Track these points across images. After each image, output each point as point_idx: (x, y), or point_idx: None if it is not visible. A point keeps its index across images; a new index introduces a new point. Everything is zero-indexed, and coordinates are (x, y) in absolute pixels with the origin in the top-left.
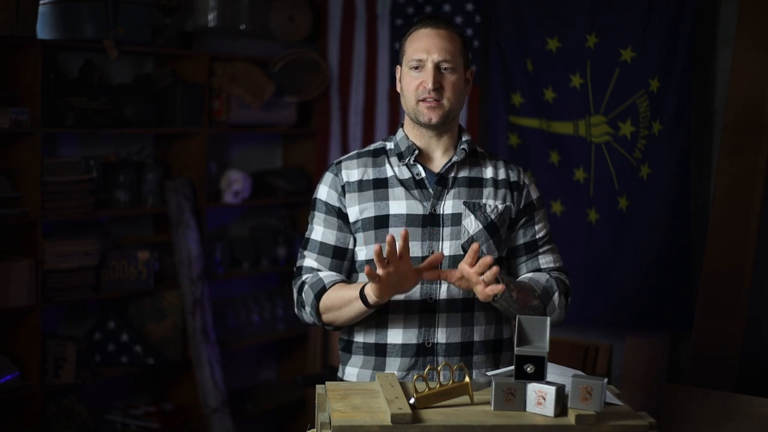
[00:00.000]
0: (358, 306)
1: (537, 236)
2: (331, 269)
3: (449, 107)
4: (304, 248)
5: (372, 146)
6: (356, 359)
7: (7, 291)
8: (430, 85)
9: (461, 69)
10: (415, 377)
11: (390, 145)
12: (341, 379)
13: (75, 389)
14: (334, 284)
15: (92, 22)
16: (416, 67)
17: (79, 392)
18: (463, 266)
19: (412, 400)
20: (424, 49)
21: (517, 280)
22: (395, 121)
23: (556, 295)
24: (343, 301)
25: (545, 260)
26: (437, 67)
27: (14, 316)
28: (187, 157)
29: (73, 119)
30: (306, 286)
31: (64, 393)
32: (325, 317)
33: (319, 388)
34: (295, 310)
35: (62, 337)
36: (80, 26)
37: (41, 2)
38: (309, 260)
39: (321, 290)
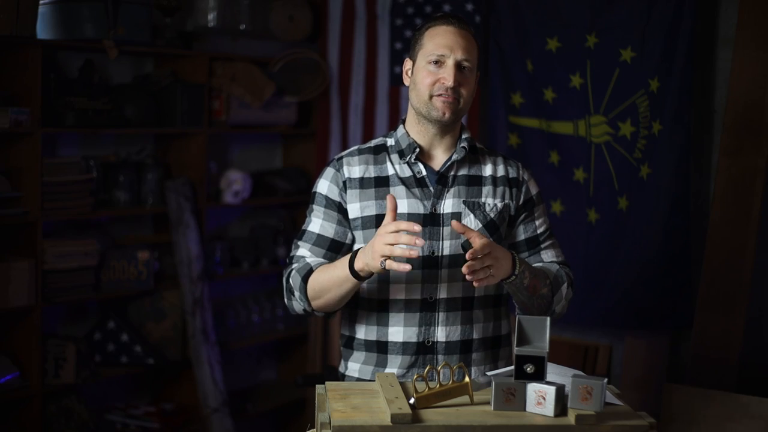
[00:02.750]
0: (351, 283)
1: (538, 231)
2: (326, 260)
3: (462, 106)
4: (300, 239)
5: (372, 142)
6: (358, 355)
7: (7, 291)
8: (450, 83)
9: (475, 71)
10: (415, 377)
11: (391, 142)
12: (343, 375)
13: (75, 389)
14: (320, 266)
15: (92, 22)
16: (436, 62)
17: (79, 392)
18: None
19: (412, 400)
20: (447, 45)
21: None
22: (395, 121)
23: (565, 285)
24: (332, 281)
25: (548, 255)
26: (458, 65)
27: (14, 316)
28: (187, 157)
29: (73, 119)
30: (293, 272)
31: (64, 393)
32: (315, 303)
33: (319, 388)
34: (285, 299)
35: (62, 337)
36: (80, 26)
37: (41, 2)
38: (302, 250)
39: (308, 272)
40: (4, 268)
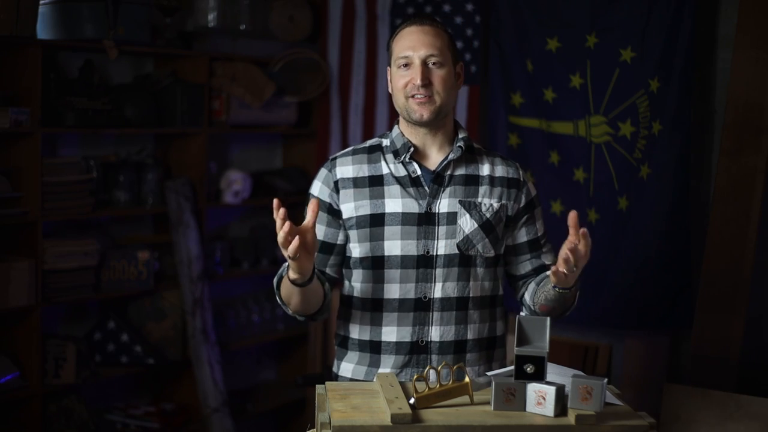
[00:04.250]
0: (295, 288)
1: (539, 234)
2: (316, 262)
3: (440, 102)
4: None
5: (368, 143)
6: (352, 355)
7: (7, 291)
8: (418, 81)
9: (450, 64)
10: (415, 377)
11: (386, 142)
12: (336, 375)
13: (75, 389)
14: None
15: (92, 22)
16: (405, 65)
17: (79, 392)
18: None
19: (412, 400)
20: (409, 46)
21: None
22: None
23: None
24: (288, 288)
25: (548, 258)
26: (424, 63)
27: (14, 316)
28: (187, 157)
29: (73, 119)
30: (276, 278)
31: (64, 393)
32: (291, 308)
33: (319, 388)
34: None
35: (62, 337)
36: (80, 26)
37: (41, 2)
38: None
39: (279, 279)
40: (4, 268)
